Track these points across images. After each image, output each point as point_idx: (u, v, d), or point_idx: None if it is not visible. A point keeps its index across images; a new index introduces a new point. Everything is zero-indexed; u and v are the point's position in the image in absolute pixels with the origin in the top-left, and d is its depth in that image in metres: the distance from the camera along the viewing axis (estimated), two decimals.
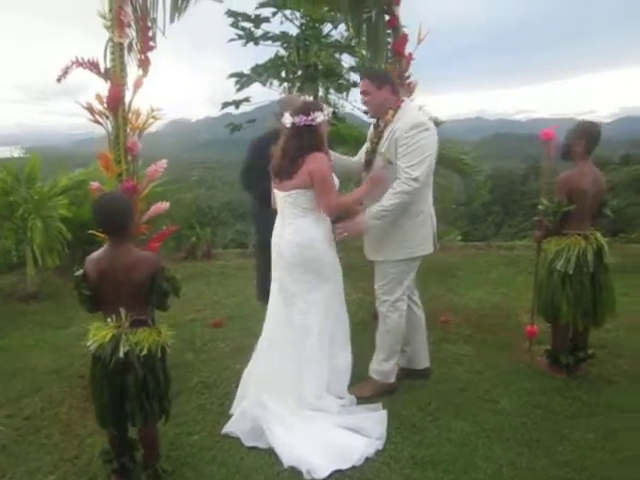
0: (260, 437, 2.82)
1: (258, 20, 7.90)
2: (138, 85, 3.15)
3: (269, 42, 8.00)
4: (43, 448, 2.79)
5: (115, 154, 3.17)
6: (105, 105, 3.03)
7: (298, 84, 7.53)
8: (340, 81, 7.91)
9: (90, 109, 3.07)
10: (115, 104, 3.02)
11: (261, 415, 2.90)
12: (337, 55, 8.10)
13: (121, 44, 3.06)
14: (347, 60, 8.18)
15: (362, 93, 3.08)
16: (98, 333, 2.32)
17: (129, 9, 3.06)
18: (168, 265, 2.52)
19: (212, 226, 7.58)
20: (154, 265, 2.37)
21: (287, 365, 3.03)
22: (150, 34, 3.14)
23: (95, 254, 2.37)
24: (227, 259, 6.47)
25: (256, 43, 7.86)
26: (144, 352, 2.30)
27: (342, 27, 7.84)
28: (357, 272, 4.61)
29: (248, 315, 4.57)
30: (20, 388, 3.39)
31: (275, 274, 3.13)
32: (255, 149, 3.92)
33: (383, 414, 2.97)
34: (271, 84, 7.93)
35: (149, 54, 3.12)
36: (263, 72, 7.58)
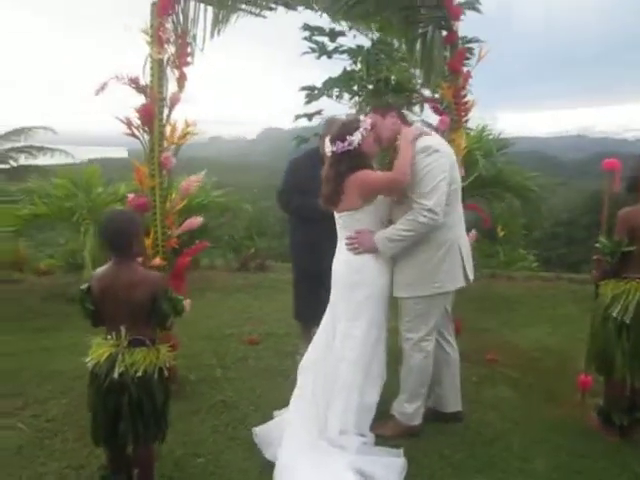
0: (272, 447, 2.81)
1: (333, 34, 7.89)
2: (175, 101, 3.17)
3: (344, 56, 7.95)
4: (54, 454, 2.83)
5: (149, 168, 3.21)
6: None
7: (367, 99, 7.38)
8: (414, 96, 7.67)
9: (128, 123, 3.14)
10: (149, 119, 3.07)
11: (283, 429, 2.88)
12: (412, 70, 7.88)
13: (160, 60, 3.10)
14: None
15: (371, 128, 2.89)
16: (97, 350, 2.32)
17: (169, 26, 3.10)
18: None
19: (274, 238, 7.58)
20: (155, 285, 2.34)
21: (318, 388, 2.95)
22: (189, 50, 3.15)
23: (100, 270, 2.38)
24: (281, 272, 6.42)
25: (329, 57, 7.83)
26: (139, 374, 2.26)
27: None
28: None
29: (285, 334, 4.49)
30: (50, 389, 3.51)
31: (332, 293, 3.07)
32: (289, 171, 3.91)
33: (401, 463, 2.74)
34: (342, 98, 7.87)
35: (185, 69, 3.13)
36: (333, 86, 7.52)
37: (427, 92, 7.50)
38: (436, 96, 4.47)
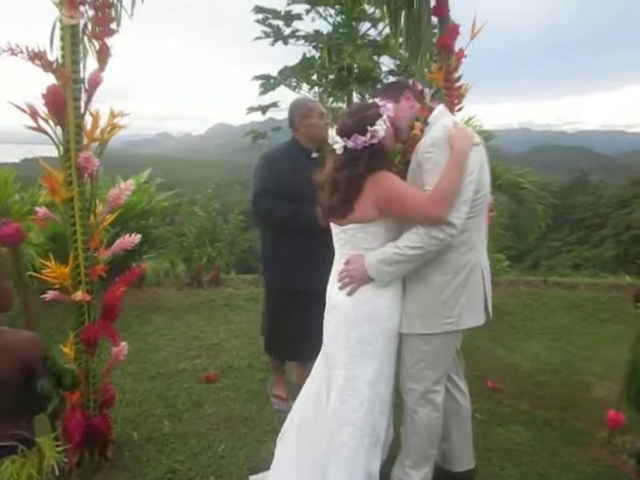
0: None
1: (289, 17, 7.17)
2: (95, 82, 2.38)
3: (301, 41, 7.26)
4: None
5: (65, 173, 2.41)
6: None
7: (329, 89, 6.72)
8: (377, 86, 7.06)
9: (33, 113, 2.32)
10: (57, 107, 2.26)
11: None
12: (375, 57, 7.26)
13: (73, 27, 2.31)
14: (386, 63, 7.34)
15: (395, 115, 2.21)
16: None
17: None
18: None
19: (229, 244, 6.78)
20: (27, 354, 1.58)
21: (306, 459, 2.28)
22: (113, 14, 2.37)
23: None
24: (237, 286, 5.64)
25: (285, 42, 7.12)
26: None
27: (381, 27, 7.07)
28: None
29: (248, 367, 3.75)
30: None
31: (324, 331, 2.37)
32: (267, 168, 3.09)
33: None
34: (300, 88, 7.18)
35: (108, 40, 2.35)
36: (291, 75, 6.81)
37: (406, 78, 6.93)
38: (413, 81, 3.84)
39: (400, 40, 3.24)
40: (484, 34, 3.16)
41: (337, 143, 2.11)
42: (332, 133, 2.14)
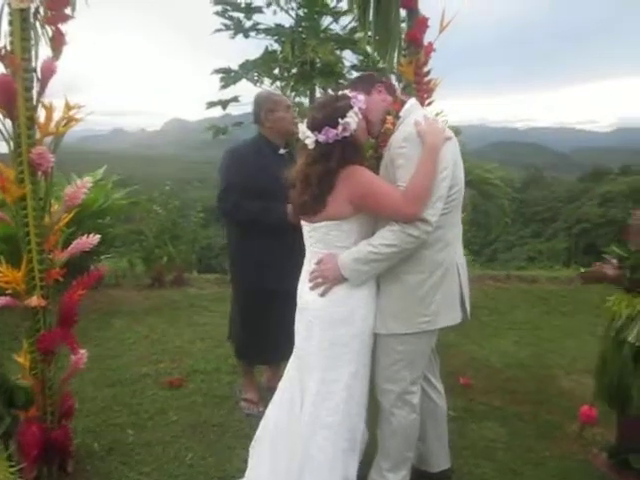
0: None
1: (249, 10, 7.02)
2: (49, 71, 2.21)
3: (262, 35, 7.12)
4: None
5: (16, 170, 2.24)
6: None
7: (292, 83, 6.60)
8: (340, 81, 7.00)
9: None
10: (7, 98, 2.09)
11: None
12: (338, 52, 7.21)
13: (23, 11, 2.13)
14: (349, 57, 7.29)
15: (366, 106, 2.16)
16: None
17: None
18: None
19: (190, 242, 6.57)
20: None
21: (281, 466, 2.18)
22: None
23: None
24: (201, 286, 5.48)
25: (246, 35, 6.97)
26: None
27: (343, 21, 7.02)
28: None
29: (215, 370, 3.62)
30: None
31: (295, 333, 2.27)
32: (234, 164, 2.96)
33: None
34: (262, 83, 7.05)
35: (63, 27, 2.19)
36: (252, 69, 6.67)
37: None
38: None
39: (369, 33, 3.16)
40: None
41: (308, 138, 2.03)
42: (302, 128, 2.06)
